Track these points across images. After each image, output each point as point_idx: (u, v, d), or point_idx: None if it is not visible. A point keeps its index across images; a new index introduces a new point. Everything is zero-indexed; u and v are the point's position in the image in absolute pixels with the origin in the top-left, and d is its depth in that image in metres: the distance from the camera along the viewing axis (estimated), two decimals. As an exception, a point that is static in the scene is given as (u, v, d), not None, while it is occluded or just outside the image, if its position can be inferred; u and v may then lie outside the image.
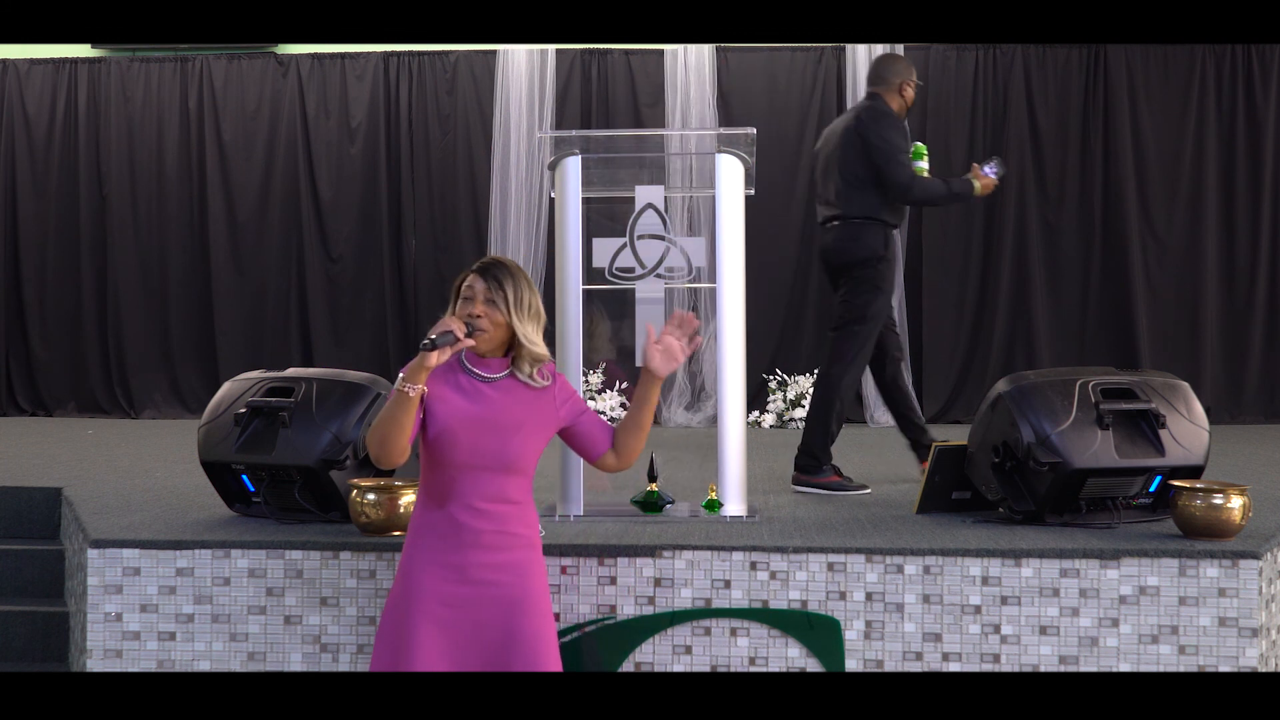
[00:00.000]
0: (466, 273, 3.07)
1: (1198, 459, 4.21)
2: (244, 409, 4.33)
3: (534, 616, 2.96)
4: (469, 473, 2.96)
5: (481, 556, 2.95)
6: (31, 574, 4.65)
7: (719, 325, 4.45)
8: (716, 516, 4.36)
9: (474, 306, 2.99)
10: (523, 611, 2.95)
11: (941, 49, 9.51)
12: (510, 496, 2.99)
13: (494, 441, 2.96)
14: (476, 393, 3.01)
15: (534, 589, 3.00)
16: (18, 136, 10.10)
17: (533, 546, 3.05)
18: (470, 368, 3.04)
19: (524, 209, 9.55)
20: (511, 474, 2.99)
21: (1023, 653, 3.77)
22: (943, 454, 4.51)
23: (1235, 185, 9.35)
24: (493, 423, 2.98)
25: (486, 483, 2.96)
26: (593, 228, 4.53)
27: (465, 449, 2.95)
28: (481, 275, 3.02)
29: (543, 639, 2.96)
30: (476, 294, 3.00)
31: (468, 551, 2.95)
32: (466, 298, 3.02)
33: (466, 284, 3.03)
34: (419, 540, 3.00)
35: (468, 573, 2.95)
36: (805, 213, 9.62)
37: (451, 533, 2.96)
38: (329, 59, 9.90)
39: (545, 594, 3.04)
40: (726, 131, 4.51)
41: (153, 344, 9.97)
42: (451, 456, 2.96)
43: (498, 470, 2.97)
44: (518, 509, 3.01)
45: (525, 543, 3.02)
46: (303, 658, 3.91)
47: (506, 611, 2.95)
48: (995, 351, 9.43)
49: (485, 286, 3.00)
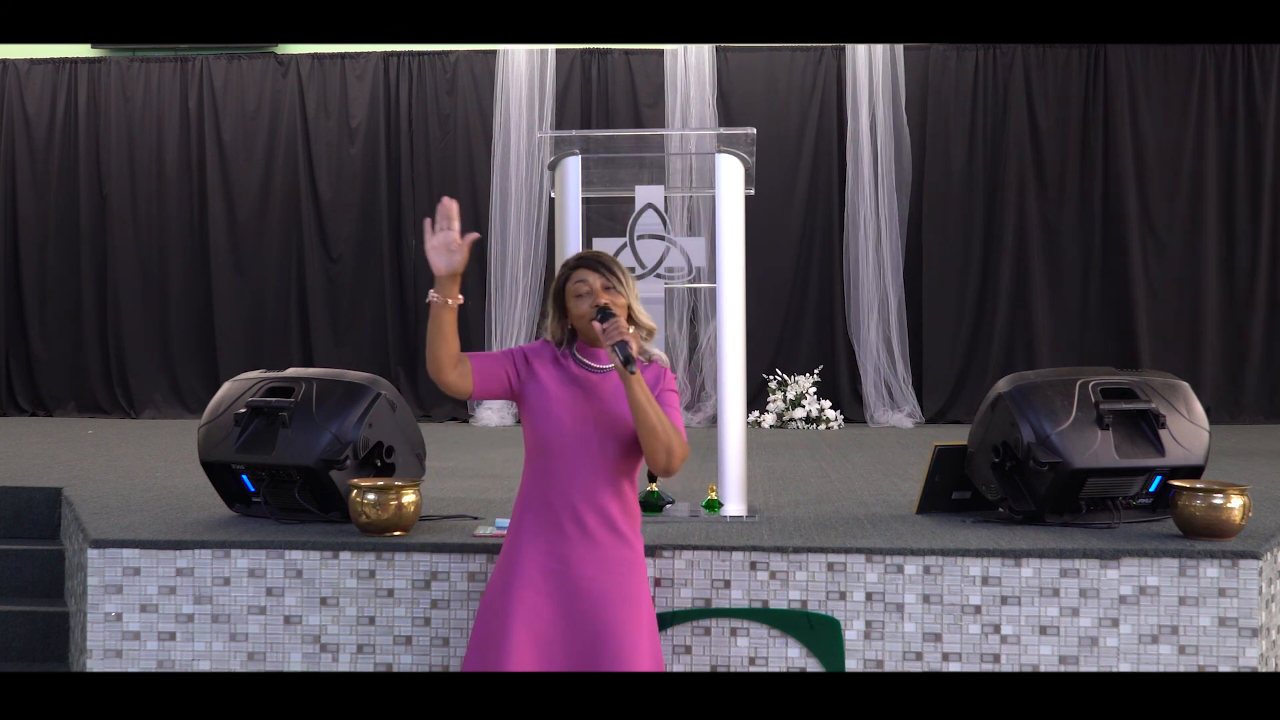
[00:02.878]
0: (567, 272, 3.05)
1: (1198, 459, 4.21)
2: (244, 409, 4.33)
3: (627, 616, 2.95)
4: (577, 462, 2.96)
5: (584, 552, 2.95)
6: (31, 574, 4.64)
7: (719, 325, 4.45)
8: (716, 516, 4.36)
9: (598, 298, 2.97)
10: (615, 608, 2.94)
11: (941, 49, 9.52)
12: (618, 492, 2.99)
13: (599, 435, 2.96)
14: (590, 384, 3.01)
15: (632, 588, 2.98)
16: (18, 136, 10.10)
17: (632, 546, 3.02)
18: (582, 359, 3.05)
19: (524, 209, 9.55)
20: (617, 470, 2.98)
21: (1023, 653, 3.77)
22: (943, 454, 4.51)
23: (1235, 185, 9.35)
24: (602, 415, 2.97)
25: (591, 477, 2.96)
26: (593, 228, 4.54)
27: (574, 439, 2.95)
28: (591, 269, 3.01)
29: (630, 636, 2.94)
30: (595, 287, 2.99)
31: (572, 545, 2.95)
32: (581, 294, 3.00)
33: (577, 280, 3.01)
34: (523, 524, 3.01)
35: (572, 567, 2.95)
36: (805, 213, 9.63)
37: (555, 524, 2.96)
38: (329, 59, 9.91)
39: (642, 593, 3.01)
40: (726, 131, 4.51)
41: (153, 344, 9.97)
42: (560, 446, 2.96)
43: (603, 465, 2.96)
44: (621, 505, 3.00)
45: (625, 542, 3.00)
46: (303, 658, 3.91)
47: (600, 608, 2.94)
48: (995, 351, 9.43)
49: (600, 277, 3.00)
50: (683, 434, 2.98)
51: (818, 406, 9.09)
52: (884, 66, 9.38)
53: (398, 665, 3.89)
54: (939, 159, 9.54)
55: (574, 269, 3.04)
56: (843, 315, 9.52)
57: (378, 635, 3.89)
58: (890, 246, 9.37)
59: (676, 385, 3.09)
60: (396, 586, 3.90)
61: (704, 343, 9.17)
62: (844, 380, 9.53)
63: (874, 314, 9.36)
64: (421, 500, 4.11)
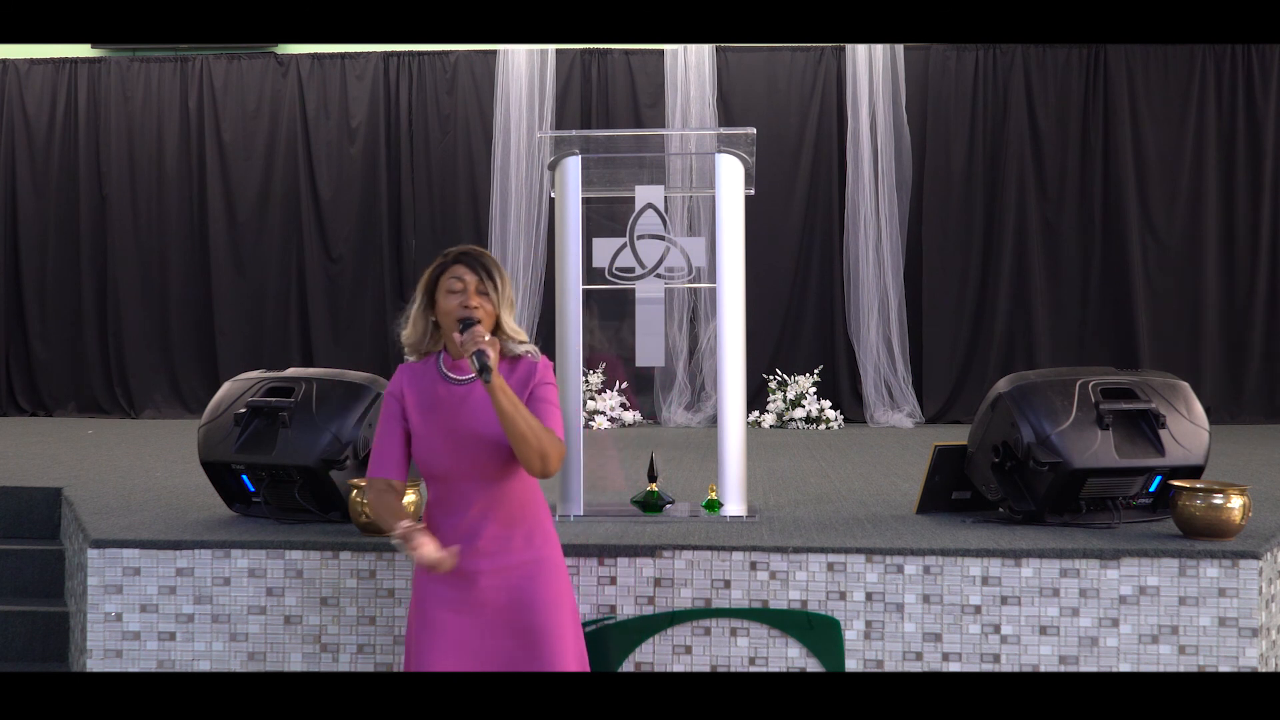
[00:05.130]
0: (443, 263, 2.92)
1: (1198, 459, 4.21)
2: (244, 409, 4.33)
3: (545, 621, 2.89)
4: (463, 483, 2.88)
5: (485, 563, 2.88)
6: (31, 574, 4.65)
7: (719, 325, 4.45)
8: (716, 516, 4.36)
9: (468, 299, 2.86)
10: (532, 614, 2.89)
11: (941, 49, 9.52)
12: (511, 498, 2.92)
13: (474, 448, 2.86)
14: (456, 401, 2.89)
15: (545, 590, 2.91)
16: (18, 136, 10.10)
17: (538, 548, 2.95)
18: (447, 374, 2.93)
19: (524, 209, 9.55)
20: (504, 477, 2.89)
21: (1023, 653, 3.77)
22: (943, 454, 4.51)
23: (1235, 185, 9.35)
24: (474, 432, 2.86)
25: (479, 491, 2.88)
26: (593, 228, 4.54)
27: (452, 462, 2.86)
28: (470, 267, 2.88)
29: (554, 643, 2.88)
30: (468, 286, 2.87)
31: (475, 559, 2.88)
32: (453, 290, 2.87)
33: (452, 276, 2.88)
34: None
35: (476, 580, 2.89)
36: (805, 213, 9.63)
37: (456, 541, 2.86)
38: (329, 59, 9.90)
39: (560, 593, 2.95)
40: (726, 131, 4.51)
41: (153, 344, 9.97)
42: (442, 471, 2.88)
43: (488, 476, 2.88)
44: (521, 510, 2.93)
45: (531, 545, 2.93)
46: (303, 658, 3.91)
47: (515, 616, 2.89)
48: (995, 351, 9.43)
49: (476, 278, 2.88)
50: (558, 431, 2.86)
51: (818, 406, 9.09)
52: (884, 66, 9.38)
53: (398, 665, 3.89)
54: (939, 159, 9.54)
55: (452, 263, 2.91)
56: (843, 315, 9.52)
57: (378, 635, 3.89)
58: (890, 246, 9.37)
59: (554, 375, 2.97)
60: (396, 586, 3.90)
61: (704, 343, 9.16)
62: (844, 380, 9.53)
63: (874, 314, 9.35)
64: (421, 500, 4.11)
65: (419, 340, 2.99)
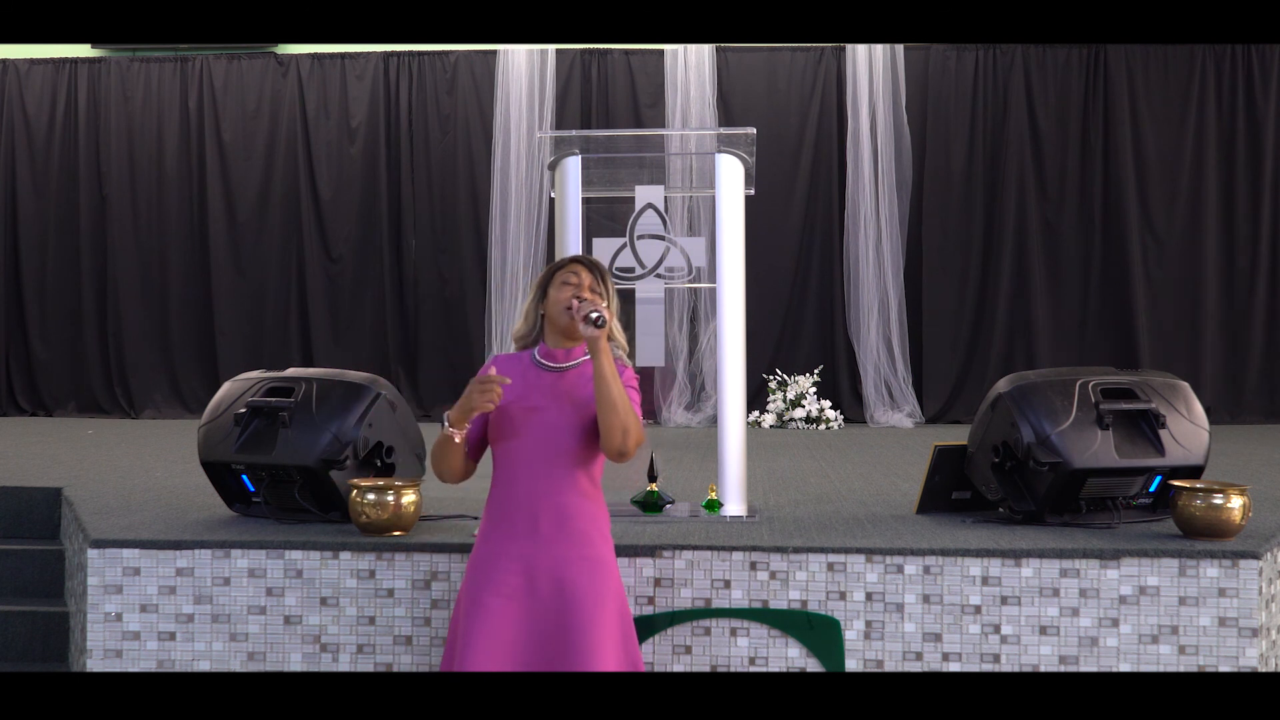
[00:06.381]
0: (563, 262, 3.11)
1: (1198, 459, 4.21)
2: (244, 409, 4.33)
3: (591, 615, 2.93)
4: (534, 466, 2.98)
5: (542, 550, 2.95)
6: (31, 574, 4.64)
7: (719, 325, 4.45)
8: (716, 516, 4.35)
9: (582, 291, 3.03)
10: (581, 608, 2.93)
11: (941, 49, 9.52)
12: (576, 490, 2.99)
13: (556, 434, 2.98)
14: (547, 385, 3.03)
15: (595, 586, 2.96)
16: (18, 136, 10.10)
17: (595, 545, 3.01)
18: (542, 361, 3.08)
19: (524, 209, 9.55)
20: (577, 468, 2.99)
21: (1023, 653, 3.77)
22: (943, 454, 4.51)
23: (1235, 185, 9.36)
24: (558, 414, 2.99)
25: (551, 479, 2.97)
26: (593, 228, 4.53)
27: (531, 442, 2.97)
28: (586, 267, 3.08)
29: (596, 634, 2.92)
30: (584, 282, 3.06)
31: (534, 548, 2.95)
32: (568, 283, 3.05)
33: (570, 271, 3.06)
34: (488, 530, 3.03)
35: (532, 566, 2.95)
36: (805, 213, 9.63)
37: (518, 528, 2.97)
38: (329, 59, 9.91)
39: (609, 591, 2.99)
40: (726, 131, 4.51)
41: (153, 344, 9.97)
42: (518, 451, 2.98)
43: (562, 466, 2.98)
44: (582, 504, 3.00)
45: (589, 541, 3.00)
46: (303, 658, 3.91)
47: (565, 609, 2.93)
48: (995, 351, 9.43)
49: (593, 278, 3.07)
50: (640, 420, 3.01)
51: (818, 406, 9.09)
52: (884, 66, 9.39)
53: (398, 665, 3.89)
54: (939, 159, 9.54)
55: (571, 262, 3.11)
56: (843, 315, 9.52)
57: (378, 635, 3.89)
58: (890, 246, 9.37)
59: (638, 385, 3.12)
60: (396, 586, 3.90)
61: (704, 343, 9.16)
62: (844, 380, 9.53)
63: (874, 314, 9.36)
64: (421, 500, 4.11)
65: (528, 332, 3.15)
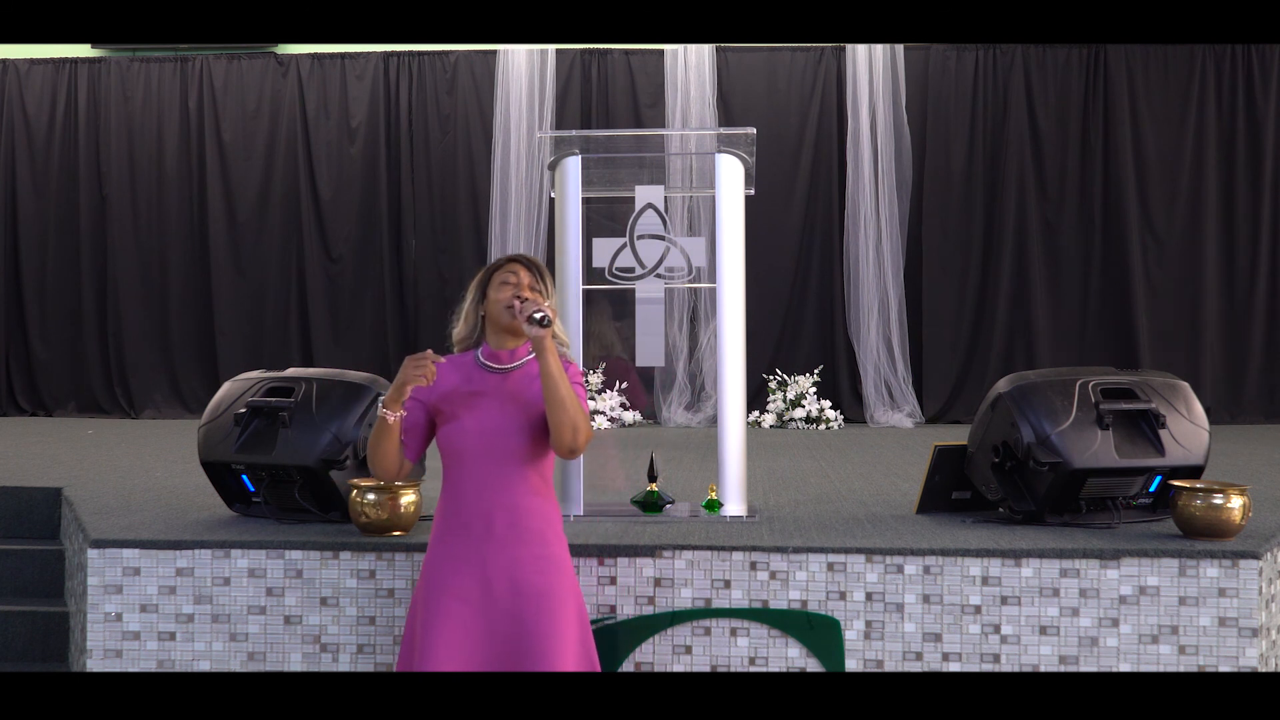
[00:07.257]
0: (500, 263, 3.10)
1: (1198, 459, 4.21)
2: (244, 409, 4.33)
3: (549, 614, 2.93)
4: (484, 467, 2.96)
5: (496, 551, 2.94)
6: (31, 574, 4.64)
7: (719, 325, 4.45)
8: (716, 516, 4.35)
9: (521, 290, 3.02)
10: (535, 608, 2.92)
11: (941, 49, 9.52)
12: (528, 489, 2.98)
13: (503, 434, 2.96)
14: (491, 387, 3.02)
15: (552, 585, 2.96)
16: (18, 136, 10.10)
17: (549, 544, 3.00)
18: (485, 362, 3.06)
19: (524, 209, 9.55)
20: (527, 467, 2.98)
21: (1023, 653, 3.77)
22: (943, 454, 4.51)
23: (1235, 185, 9.35)
24: (504, 416, 2.98)
25: (501, 478, 2.96)
26: (593, 228, 4.54)
27: (480, 443, 2.96)
28: (524, 266, 3.07)
29: (556, 638, 2.91)
30: (522, 281, 3.05)
31: (487, 548, 2.94)
32: (507, 282, 3.04)
33: (508, 271, 3.06)
34: (442, 533, 3.02)
35: (486, 568, 2.93)
36: (805, 213, 9.63)
37: (470, 530, 2.96)
38: (329, 59, 9.91)
39: (567, 590, 2.99)
40: (726, 131, 4.51)
41: (153, 344, 9.97)
42: (468, 453, 2.97)
43: (511, 465, 2.96)
44: (536, 504, 2.99)
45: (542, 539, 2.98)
46: (303, 658, 3.91)
47: (519, 609, 2.92)
48: (995, 351, 9.43)
49: (531, 276, 3.06)
50: (588, 416, 3.00)
51: (818, 406, 9.09)
52: (884, 66, 9.38)
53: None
54: (939, 159, 9.54)
55: (509, 261, 3.11)
56: (843, 315, 9.52)
57: (378, 635, 3.89)
58: (890, 246, 9.37)
59: (584, 381, 3.11)
60: (396, 586, 3.90)
61: (704, 343, 9.16)
62: (844, 380, 9.53)
63: (874, 314, 9.36)
64: (421, 500, 4.11)
65: (469, 334, 3.15)
